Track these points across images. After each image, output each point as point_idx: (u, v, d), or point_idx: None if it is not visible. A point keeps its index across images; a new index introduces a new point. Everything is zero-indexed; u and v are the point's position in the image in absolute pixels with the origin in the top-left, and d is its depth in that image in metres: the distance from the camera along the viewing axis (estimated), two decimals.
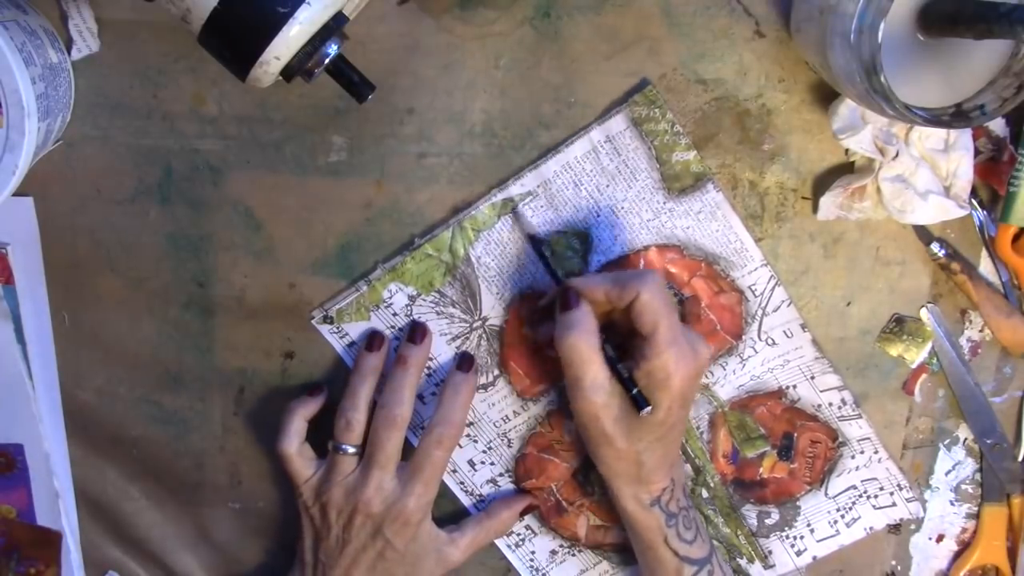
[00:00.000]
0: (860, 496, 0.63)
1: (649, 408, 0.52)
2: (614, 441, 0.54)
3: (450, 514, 0.63)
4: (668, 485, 0.56)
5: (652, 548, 0.57)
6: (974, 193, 0.57)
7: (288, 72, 0.47)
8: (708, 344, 0.55)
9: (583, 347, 0.52)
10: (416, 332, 0.59)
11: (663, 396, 0.53)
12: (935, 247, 0.59)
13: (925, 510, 0.63)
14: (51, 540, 0.63)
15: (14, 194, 0.53)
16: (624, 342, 0.54)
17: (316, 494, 0.59)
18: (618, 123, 0.56)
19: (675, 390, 0.52)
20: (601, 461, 0.56)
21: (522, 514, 0.62)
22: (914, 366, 0.61)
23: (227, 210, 0.59)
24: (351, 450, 0.58)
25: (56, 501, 0.63)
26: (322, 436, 0.60)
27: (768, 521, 0.63)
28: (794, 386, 0.61)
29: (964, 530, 0.64)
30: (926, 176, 0.55)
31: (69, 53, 0.56)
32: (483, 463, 0.62)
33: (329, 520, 0.58)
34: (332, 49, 0.47)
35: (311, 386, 0.61)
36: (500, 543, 0.64)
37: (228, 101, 0.57)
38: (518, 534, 0.64)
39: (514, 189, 0.58)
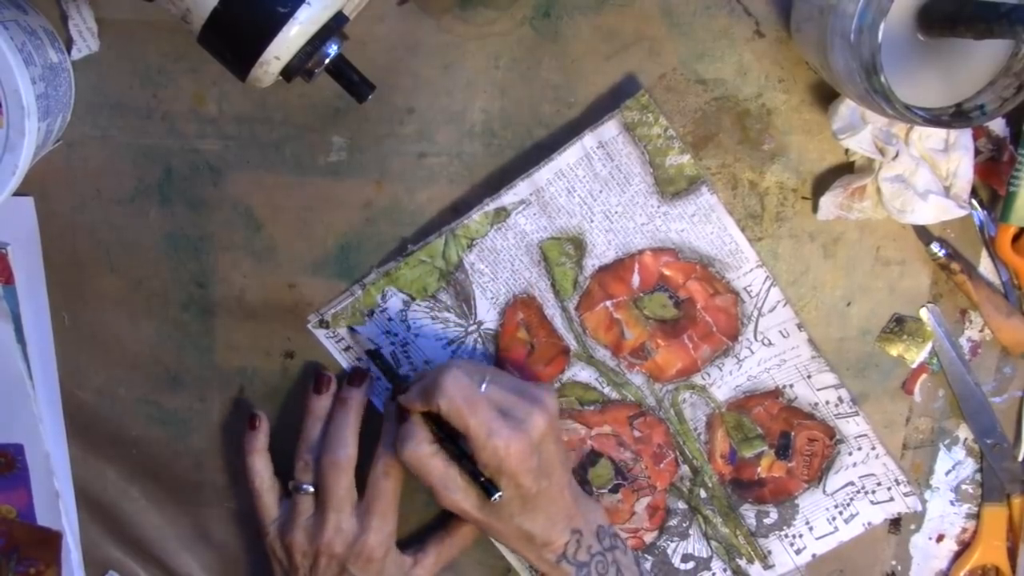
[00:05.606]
0: (858, 492, 0.63)
1: (499, 494, 0.53)
2: (491, 525, 0.55)
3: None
4: (570, 539, 0.56)
5: None
6: (974, 193, 0.57)
7: (288, 72, 0.47)
8: (546, 400, 0.55)
9: (415, 457, 0.54)
10: (355, 375, 0.60)
11: (505, 479, 0.53)
12: (935, 247, 0.59)
13: (924, 505, 0.63)
14: (51, 540, 0.63)
15: (14, 194, 0.53)
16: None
17: (280, 535, 0.59)
18: (610, 129, 0.56)
19: (513, 470, 0.53)
20: (494, 538, 0.58)
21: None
22: (914, 366, 0.61)
23: (227, 210, 0.59)
24: (311, 489, 0.59)
25: (56, 501, 0.63)
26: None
27: (767, 520, 0.63)
28: (791, 385, 0.61)
29: (964, 530, 0.64)
30: (926, 176, 0.55)
31: (69, 53, 0.56)
32: None
33: (296, 562, 0.59)
34: (332, 49, 0.47)
35: (249, 417, 0.61)
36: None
37: (228, 101, 0.57)
38: None
39: (507, 198, 0.58)
